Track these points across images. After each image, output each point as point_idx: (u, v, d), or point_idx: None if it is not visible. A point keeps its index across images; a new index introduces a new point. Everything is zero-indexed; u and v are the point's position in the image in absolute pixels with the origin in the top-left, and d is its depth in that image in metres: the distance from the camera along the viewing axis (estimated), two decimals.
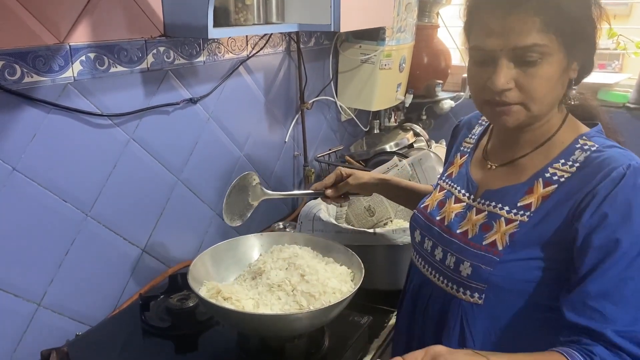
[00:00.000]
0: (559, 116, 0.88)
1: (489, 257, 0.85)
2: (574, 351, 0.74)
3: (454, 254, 0.92)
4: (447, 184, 1.02)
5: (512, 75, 0.80)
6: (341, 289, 1.03)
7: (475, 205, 0.93)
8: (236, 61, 1.55)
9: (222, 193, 1.59)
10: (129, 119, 1.26)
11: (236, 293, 1.00)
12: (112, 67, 1.18)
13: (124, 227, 1.29)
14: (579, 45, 0.81)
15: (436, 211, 0.99)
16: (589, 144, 0.84)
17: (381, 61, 1.98)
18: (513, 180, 0.89)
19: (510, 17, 0.77)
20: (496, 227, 0.87)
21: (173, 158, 1.40)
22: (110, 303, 1.29)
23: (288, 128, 1.85)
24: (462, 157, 1.03)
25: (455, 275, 0.91)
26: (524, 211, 0.85)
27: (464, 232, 0.92)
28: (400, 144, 1.91)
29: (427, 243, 0.98)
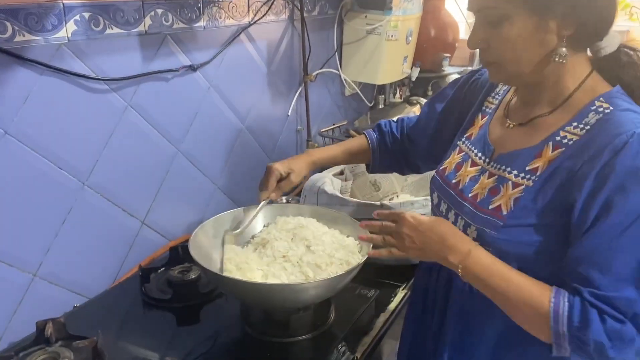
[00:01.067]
0: (576, 75, 0.83)
1: (494, 221, 0.84)
2: (563, 290, 0.76)
3: (463, 217, 0.91)
4: (466, 146, 0.99)
5: (482, 36, 0.83)
6: (348, 260, 0.99)
7: (489, 169, 0.91)
8: (237, 28, 1.49)
9: (224, 166, 1.56)
10: (126, 85, 1.20)
11: (244, 261, 0.96)
12: (108, 28, 1.12)
13: (122, 198, 1.24)
14: (555, 4, 0.77)
15: (453, 174, 0.97)
16: (604, 105, 0.80)
17: (387, 32, 1.92)
18: (525, 142, 0.87)
19: None
20: (503, 191, 0.86)
21: (173, 128, 1.35)
22: (110, 275, 1.26)
23: (291, 101, 1.80)
24: (482, 118, 1.00)
25: None
26: (531, 175, 0.83)
27: (474, 196, 0.91)
28: None
29: (443, 206, 0.97)
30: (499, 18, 0.79)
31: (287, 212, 1.18)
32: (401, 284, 1.28)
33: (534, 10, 0.77)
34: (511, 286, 0.79)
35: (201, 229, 1.07)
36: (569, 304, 0.74)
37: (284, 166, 1.14)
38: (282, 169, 1.13)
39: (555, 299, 0.75)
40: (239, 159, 1.61)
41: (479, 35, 0.83)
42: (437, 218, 0.88)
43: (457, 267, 0.82)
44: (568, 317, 0.74)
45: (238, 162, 1.61)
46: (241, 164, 1.63)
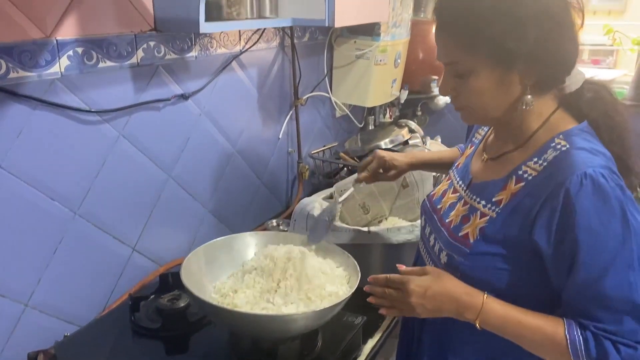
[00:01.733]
0: (541, 115, 0.87)
1: (462, 248, 0.89)
2: (574, 323, 0.80)
3: (439, 241, 0.96)
4: (453, 174, 1.05)
5: (451, 85, 0.87)
6: (337, 292, 1.02)
7: (464, 197, 0.96)
8: (229, 56, 1.52)
9: (215, 189, 1.58)
10: (119, 115, 1.23)
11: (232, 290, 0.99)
12: (101, 62, 1.15)
13: (113, 225, 1.26)
14: (516, 58, 0.80)
15: (439, 200, 1.03)
16: (562, 143, 0.83)
17: (376, 56, 1.96)
18: (494, 175, 0.92)
19: (440, 38, 0.86)
20: (472, 220, 0.91)
21: (164, 155, 1.38)
22: (100, 302, 1.27)
23: (282, 124, 1.83)
24: (470, 148, 1.06)
25: (437, 262, 0.96)
26: (495, 207, 0.88)
27: (449, 222, 0.96)
28: (395, 141, 1.89)
29: (427, 229, 1.03)
30: (464, 71, 0.83)
31: (277, 241, 1.20)
32: None
33: (496, 64, 0.81)
34: (526, 330, 0.82)
35: (193, 255, 1.09)
36: (582, 338, 0.79)
37: (389, 158, 1.21)
38: (387, 160, 1.21)
39: (570, 334, 0.79)
40: (230, 183, 1.63)
41: (448, 84, 0.87)
42: (438, 274, 0.88)
43: (474, 322, 0.85)
44: (585, 352, 0.78)
45: (229, 185, 1.63)
46: (232, 188, 1.65)
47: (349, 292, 1.00)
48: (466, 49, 0.82)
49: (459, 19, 0.82)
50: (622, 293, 0.76)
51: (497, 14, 0.78)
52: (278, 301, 0.98)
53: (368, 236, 1.31)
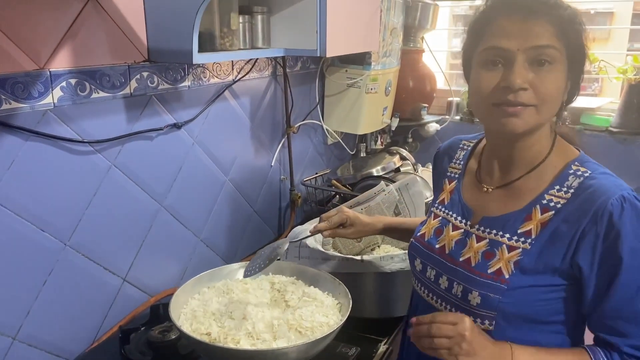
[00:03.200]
0: (549, 138, 0.90)
1: (497, 286, 0.87)
2: (597, 349, 0.84)
3: (460, 282, 0.92)
4: (441, 211, 1.02)
5: (526, 76, 0.82)
6: (328, 322, 1.01)
7: (475, 232, 0.93)
8: (222, 86, 1.53)
9: (207, 218, 1.57)
10: (111, 145, 1.23)
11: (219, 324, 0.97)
12: (94, 92, 1.15)
13: (104, 256, 1.25)
14: (576, 64, 0.85)
15: (434, 239, 0.99)
16: (581, 169, 0.86)
17: (367, 85, 1.98)
18: (511, 206, 0.90)
19: (528, 22, 0.82)
20: (499, 255, 0.88)
21: (156, 184, 1.37)
22: (90, 334, 1.25)
23: (274, 152, 1.84)
24: (451, 183, 1.03)
25: (464, 304, 0.91)
26: (525, 238, 0.87)
27: (466, 260, 0.92)
28: (386, 168, 1.91)
29: (430, 272, 0.98)
30: (551, 58, 0.82)
31: (268, 270, 1.19)
32: (382, 338, 1.29)
33: (569, 65, 0.84)
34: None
35: (182, 290, 1.08)
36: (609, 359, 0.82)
37: (352, 217, 1.18)
38: (350, 218, 1.17)
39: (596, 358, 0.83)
40: (222, 211, 1.63)
41: (523, 75, 0.81)
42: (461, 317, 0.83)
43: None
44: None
45: (221, 214, 1.63)
46: (225, 216, 1.65)
47: (341, 321, 0.99)
48: (558, 35, 0.82)
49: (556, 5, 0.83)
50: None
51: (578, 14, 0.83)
52: (268, 335, 0.96)
53: (361, 265, 1.31)
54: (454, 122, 2.49)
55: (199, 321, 0.99)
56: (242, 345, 0.92)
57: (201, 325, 0.97)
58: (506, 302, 0.85)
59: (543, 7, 0.83)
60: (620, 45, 2.65)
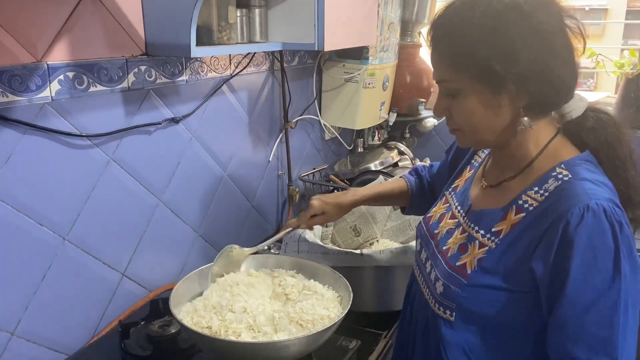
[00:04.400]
0: (539, 140, 0.85)
1: (458, 279, 0.87)
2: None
3: (435, 269, 0.94)
4: (451, 197, 1.03)
5: (444, 105, 0.86)
6: (329, 315, 1.01)
7: (463, 224, 0.94)
8: (219, 80, 1.53)
9: (206, 213, 1.57)
10: (109, 139, 1.22)
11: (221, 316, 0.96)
12: (92, 86, 1.15)
13: (103, 250, 1.25)
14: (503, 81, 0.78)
15: (436, 224, 1.01)
16: (564, 173, 0.81)
17: (365, 80, 1.98)
18: (494, 203, 0.90)
19: (432, 54, 0.86)
20: (470, 250, 0.88)
21: (154, 179, 1.37)
22: (89, 329, 1.24)
23: (272, 147, 1.83)
24: (469, 171, 1.04)
25: (433, 290, 0.93)
26: (495, 237, 0.86)
27: (446, 250, 0.94)
28: (385, 163, 1.90)
29: (423, 254, 1.00)
30: (454, 91, 0.83)
31: (268, 264, 1.19)
32: (382, 332, 1.29)
33: (484, 84, 0.80)
34: None
35: (182, 284, 1.07)
36: None
37: (321, 205, 1.20)
38: (317, 208, 1.19)
39: None
40: (220, 206, 1.62)
41: (441, 104, 0.87)
42: None
43: None
44: None
45: (220, 209, 1.62)
46: (223, 211, 1.64)
47: (341, 314, 0.99)
48: (454, 68, 0.82)
49: (447, 36, 0.82)
50: (602, 332, 0.74)
51: (484, 33, 0.77)
52: (269, 327, 0.96)
53: (360, 258, 1.31)
54: None
55: (200, 315, 0.99)
56: (243, 338, 0.92)
57: (202, 319, 0.97)
58: (464, 296, 0.85)
59: (441, 37, 0.84)
60: (614, 41, 2.66)
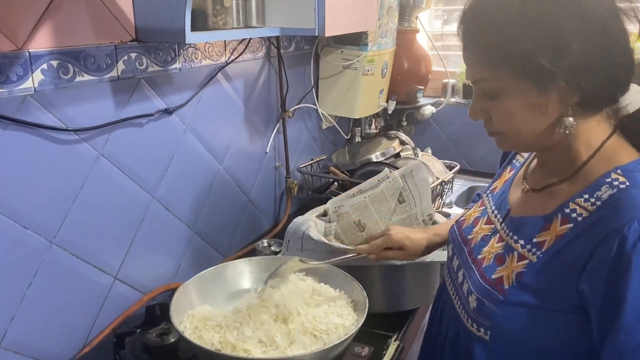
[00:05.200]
0: (591, 141, 0.75)
1: (494, 295, 0.78)
2: None
3: (468, 281, 0.85)
4: (488, 200, 0.94)
5: (481, 106, 0.77)
6: (344, 323, 0.93)
7: (500, 231, 0.85)
8: (214, 68, 1.43)
9: (201, 209, 1.49)
10: (98, 133, 1.13)
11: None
12: (78, 75, 1.05)
13: (93, 253, 1.16)
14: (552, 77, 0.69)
15: (469, 229, 0.91)
16: (620, 179, 0.70)
17: (364, 67, 1.90)
18: (536, 210, 0.79)
19: (465, 52, 0.77)
20: (508, 262, 0.78)
21: (147, 175, 1.28)
22: (80, 339, 1.16)
23: (269, 138, 1.75)
24: (510, 172, 0.94)
25: (466, 304, 0.85)
26: (537, 249, 0.75)
27: (481, 259, 0.84)
28: (386, 154, 1.83)
29: (455, 262, 0.92)
30: (493, 92, 0.74)
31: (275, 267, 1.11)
32: (392, 334, 1.23)
33: (529, 82, 0.71)
34: None
35: (182, 291, 0.99)
36: None
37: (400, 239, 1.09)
38: (395, 242, 1.09)
39: None
40: (216, 202, 1.54)
41: (478, 106, 0.77)
42: None
43: None
44: None
45: (216, 204, 1.54)
46: (219, 207, 1.56)
47: (357, 322, 0.92)
48: (492, 66, 0.72)
49: (482, 30, 0.72)
50: None
51: (527, 24, 0.68)
52: (280, 342, 0.88)
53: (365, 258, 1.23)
54: (449, 104, 2.42)
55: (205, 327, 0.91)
56: (254, 354, 0.84)
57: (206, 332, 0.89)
58: (500, 314, 0.76)
59: (474, 31, 0.74)
60: None
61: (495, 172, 1.03)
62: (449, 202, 2.03)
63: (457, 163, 1.94)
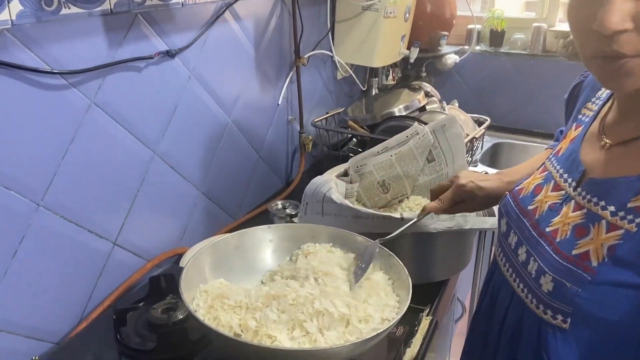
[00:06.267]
0: None
1: (578, 274, 0.63)
2: None
3: (536, 259, 0.70)
4: (551, 164, 0.77)
5: (629, 11, 0.54)
6: (386, 304, 0.79)
7: (575, 198, 0.69)
8: (221, 4, 1.24)
9: (209, 167, 1.34)
10: (89, 78, 0.96)
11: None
12: (64, 7, 0.87)
13: (87, 216, 1.01)
14: None
15: (529, 198, 0.76)
16: None
17: (386, 8, 1.70)
18: (627, 169, 0.64)
19: None
20: (593, 233, 0.64)
21: (147, 127, 1.12)
22: (76, 313, 1.03)
23: (281, 88, 1.58)
24: (577, 128, 0.78)
25: (536, 287, 0.69)
26: (635, 216, 0.60)
27: (553, 232, 0.69)
28: (410, 107, 1.66)
29: (512, 238, 0.76)
30: None
31: (299, 236, 0.96)
32: (423, 308, 1.11)
33: None
34: None
35: (193, 263, 0.84)
36: None
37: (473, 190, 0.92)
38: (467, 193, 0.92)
39: None
40: (225, 158, 1.39)
41: (626, 8, 0.55)
42: None
43: None
44: None
45: (224, 161, 1.39)
46: (228, 164, 1.41)
47: (400, 306, 0.78)
48: None
49: None
50: None
51: None
52: (311, 327, 0.74)
53: (401, 223, 1.09)
54: (474, 53, 2.23)
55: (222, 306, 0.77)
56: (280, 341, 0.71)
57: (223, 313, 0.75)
58: (585, 297, 0.62)
59: None
60: None
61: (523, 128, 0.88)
62: (474, 161, 1.87)
63: (487, 117, 1.77)
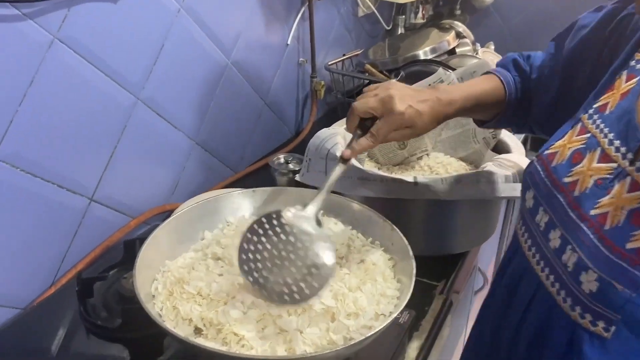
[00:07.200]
0: None
1: (632, 274, 0.50)
2: None
3: (576, 249, 0.55)
4: (594, 124, 0.60)
5: None
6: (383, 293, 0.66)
7: (634, 174, 0.53)
8: None
9: (204, 115, 1.20)
10: (51, 8, 0.81)
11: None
12: None
13: (55, 170, 0.89)
14: None
15: (566, 167, 0.60)
16: None
17: None
18: None
19: None
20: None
21: (127, 69, 0.97)
22: (46, 278, 0.93)
23: (291, 26, 1.40)
24: (629, 80, 0.59)
25: (574, 284, 0.55)
26: None
27: (600, 217, 0.54)
28: (438, 49, 1.46)
29: (542, 216, 0.61)
30: None
31: (283, 200, 0.83)
32: (436, 283, 0.98)
33: None
34: None
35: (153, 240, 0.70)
36: None
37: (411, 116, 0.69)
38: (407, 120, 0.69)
39: None
40: (224, 105, 1.24)
41: None
42: None
43: None
44: None
45: (223, 108, 1.24)
46: (227, 111, 1.26)
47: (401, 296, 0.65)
48: None
49: None
50: None
51: None
52: (288, 322, 0.60)
53: (414, 189, 0.93)
54: None
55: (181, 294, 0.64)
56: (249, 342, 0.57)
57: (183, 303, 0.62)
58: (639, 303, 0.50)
59: None
60: None
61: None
62: None
63: None
